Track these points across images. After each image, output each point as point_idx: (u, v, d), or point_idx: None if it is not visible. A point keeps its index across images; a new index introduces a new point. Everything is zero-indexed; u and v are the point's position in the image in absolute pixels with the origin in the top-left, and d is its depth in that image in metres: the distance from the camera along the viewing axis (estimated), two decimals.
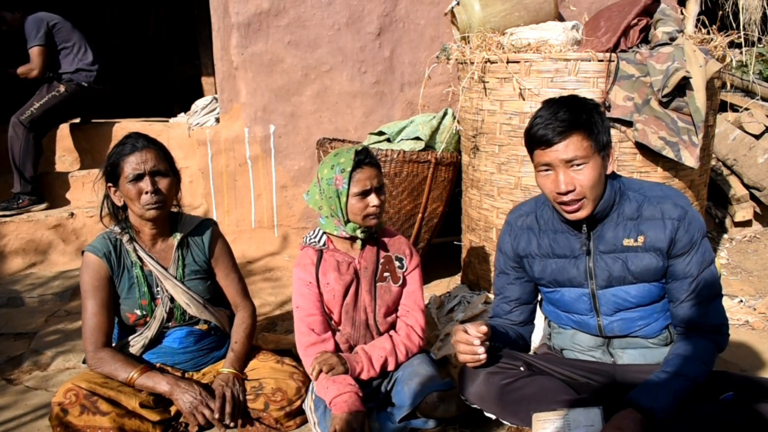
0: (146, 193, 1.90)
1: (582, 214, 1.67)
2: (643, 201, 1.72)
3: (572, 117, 1.61)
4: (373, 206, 1.96)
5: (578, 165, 1.62)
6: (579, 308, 1.81)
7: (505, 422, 1.79)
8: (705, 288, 1.69)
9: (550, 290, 1.87)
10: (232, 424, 1.90)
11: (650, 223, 1.70)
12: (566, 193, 1.63)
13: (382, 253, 2.10)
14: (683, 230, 1.67)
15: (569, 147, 1.61)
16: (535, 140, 1.66)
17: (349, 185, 1.94)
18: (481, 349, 1.70)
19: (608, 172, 1.69)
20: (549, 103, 1.69)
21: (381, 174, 2.01)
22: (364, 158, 1.97)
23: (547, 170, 1.67)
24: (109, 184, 1.98)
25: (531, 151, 1.71)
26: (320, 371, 1.92)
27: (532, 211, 1.88)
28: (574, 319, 1.85)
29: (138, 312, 1.99)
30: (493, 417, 1.80)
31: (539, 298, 2.02)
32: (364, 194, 1.95)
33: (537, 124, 1.65)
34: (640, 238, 1.70)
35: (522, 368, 1.81)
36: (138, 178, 1.91)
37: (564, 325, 1.89)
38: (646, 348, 1.80)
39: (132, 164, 1.90)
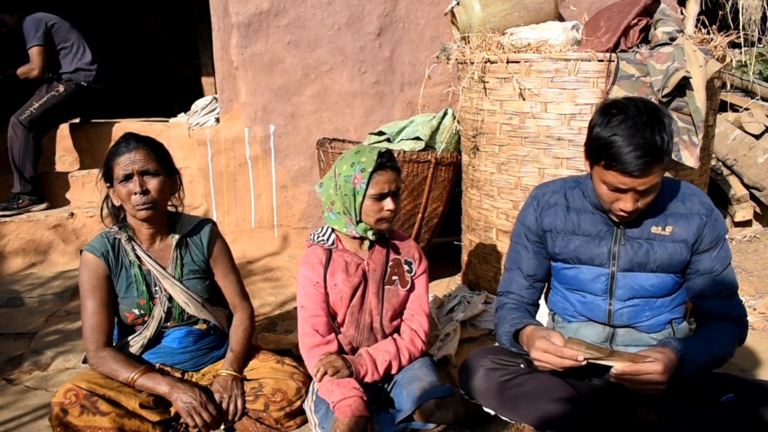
0: (135, 193, 1.91)
1: (630, 219, 1.71)
2: (672, 196, 1.77)
3: (660, 148, 1.54)
4: (388, 210, 1.94)
5: (648, 192, 1.61)
6: (594, 288, 1.81)
7: (503, 418, 1.79)
8: (728, 283, 1.77)
9: (568, 267, 1.86)
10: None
11: (678, 216, 1.74)
12: (627, 212, 1.64)
13: (392, 256, 2.08)
14: (710, 226, 1.73)
15: (648, 180, 1.57)
16: (615, 163, 1.57)
17: (367, 186, 1.91)
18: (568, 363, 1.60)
19: None
20: (634, 122, 1.55)
21: (400, 179, 1.99)
22: (386, 161, 1.94)
23: (615, 189, 1.62)
24: (108, 185, 1.98)
25: (598, 162, 1.62)
26: (325, 373, 1.90)
27: (561, 190, 1.89)
28: (584, 301, 1.84)
29: (136, 311, 1.99)
30: (492, 413, 1.80)
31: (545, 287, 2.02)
32: (381, 197, 1.93)
33: (621, 147, 1.54)
34: (668, 228, 1.74)
35: (522, 365, 1.81)
36: (127, 178, 1.91)
37: (569, 317, 1.89)
38: (649, 345, 1.81)
39: (121, 165, 1.91)
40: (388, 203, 1.93)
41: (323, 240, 2.05)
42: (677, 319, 1.83)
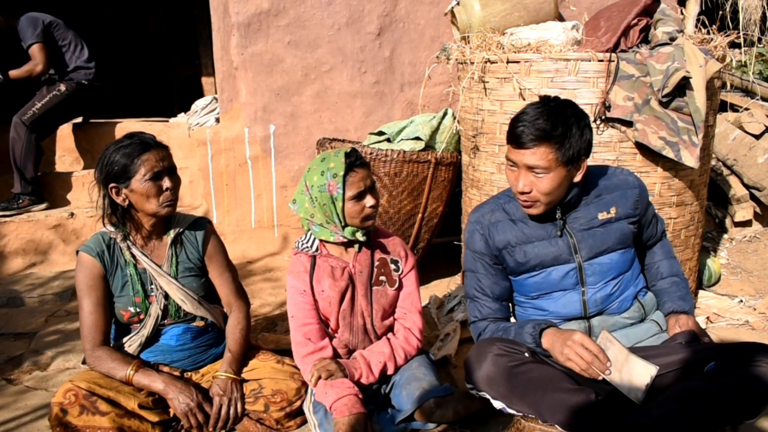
0: (166, 190, 1.93)
1: (534, 212, 1.84)
2: (602, 177, 1.94)
3: (548, 128, 1.71)
4: (370, 207, 1.94)
5: (538, 173, 1.75)
6: (566, 284, 1.89)
7: (508, 411, 1.78)
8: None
9: (535, 274, 1.90)
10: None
11: (615, 195, 1.91)
12: (521, 193, 1.80)
13: (377, 256, 2.06)
14: (642, 195, 1.94)
15: (534, 155, 1.73)
16: (510, 136, 1.78)
17: (344, 189, 1.91)
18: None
19: (576, 180, 1.82)
20: (537, 105, 1.77)
21: (371, 173, 1.99)
22: (355, 160, 1.94)
23: (513, 165, 1.80)
24: (113, 185, 1.96)
25: (507, 141, 1.82)
26: (319, 378, 1.91)
27: (497, 206, 1.97)
28: (559, 301, 1.88)
29: (132, 309, 1.99)
30: (499, 405, 1.79)
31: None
32: (360, 196, 1.93)
33: (518, 122, 1.75)
34: (612, 210, 1.89)
35: (526, 354, 1.82)
36: (158, 176, 1.93)
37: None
38: (626, 327, 1.89)
39: (151, 162, 1.92)
40: (369, 200, 1.94)
41: (307, 247, 2.04)
42: (641, 291, 1.94)
